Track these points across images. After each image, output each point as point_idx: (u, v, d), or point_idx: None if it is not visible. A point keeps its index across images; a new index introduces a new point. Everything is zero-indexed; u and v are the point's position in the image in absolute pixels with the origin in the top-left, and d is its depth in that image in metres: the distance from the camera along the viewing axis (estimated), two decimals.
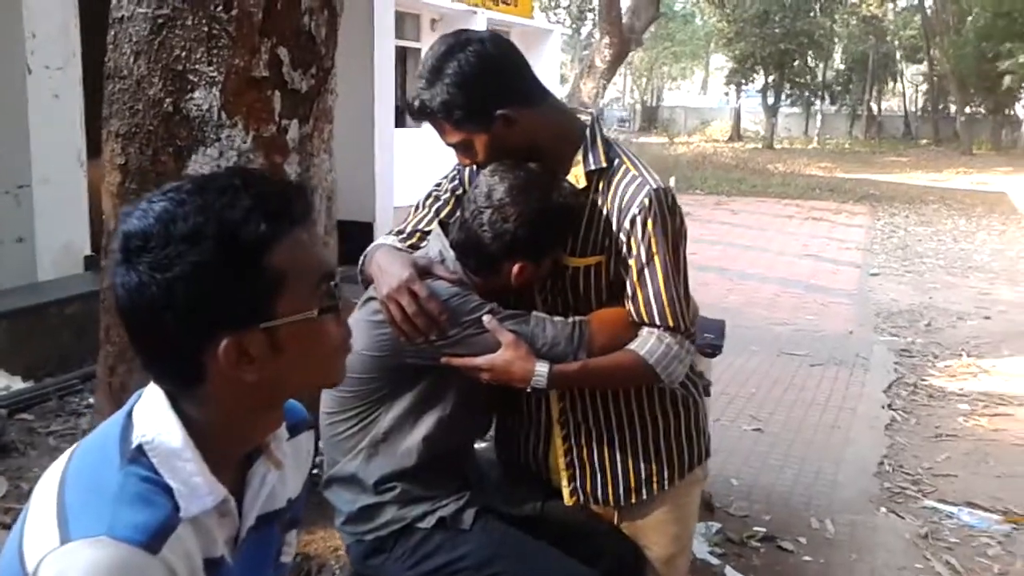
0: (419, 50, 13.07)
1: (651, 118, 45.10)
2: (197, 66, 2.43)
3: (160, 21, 2.41)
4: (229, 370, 1.01)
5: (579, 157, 1.81)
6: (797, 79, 35.88)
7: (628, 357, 1.78)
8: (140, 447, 1.02)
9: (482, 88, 1.71)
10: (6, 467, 3.46)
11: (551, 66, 17.93)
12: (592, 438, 1.93)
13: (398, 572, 1.85)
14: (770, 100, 34.87)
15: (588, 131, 1.83)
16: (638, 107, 47.71)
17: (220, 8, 2.40)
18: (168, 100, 2.45)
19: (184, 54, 2.42)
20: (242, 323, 1.01)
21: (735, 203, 16.15)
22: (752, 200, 16.67)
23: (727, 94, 41.42)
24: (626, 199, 1.77)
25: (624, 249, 1.78)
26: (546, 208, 1.74)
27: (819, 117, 38.97)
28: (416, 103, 1.74)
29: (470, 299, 1.76)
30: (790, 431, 4.86)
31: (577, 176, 1.81)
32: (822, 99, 39.11)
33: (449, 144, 1.81)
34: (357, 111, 7.65)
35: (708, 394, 3.23)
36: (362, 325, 1.82)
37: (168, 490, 1.00)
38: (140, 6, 2.41)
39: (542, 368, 1.74)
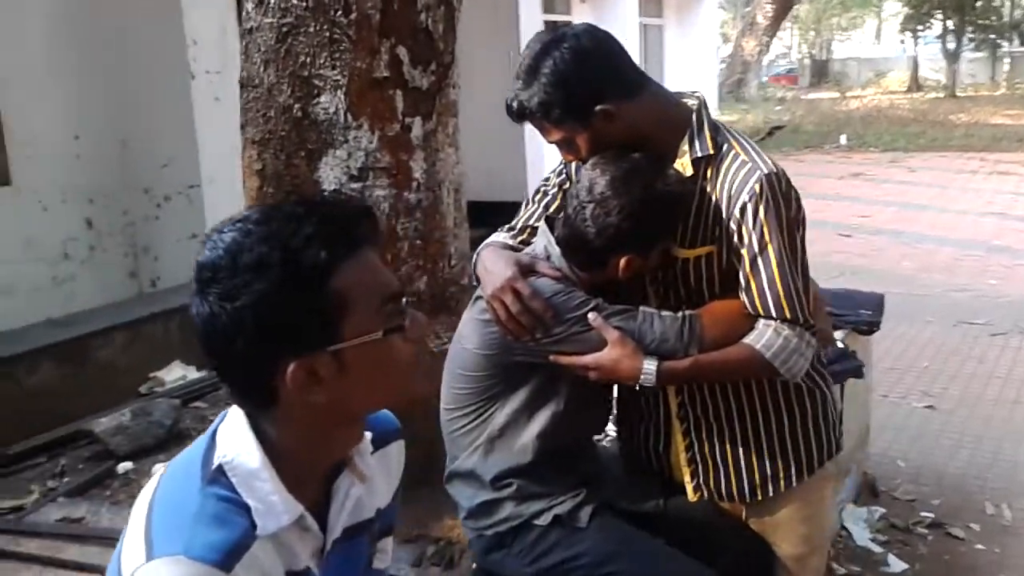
0: (570, 23, 12.97)
1: (821, 72, 42.94)
2: (322, 71, 2.50)
3: (285, 29, 2.50)
4: (298, 393, 1.03)
5: (685, 145, 1.75)
6: (980, 21, 33.21)
7: (743, 351, 1.71)
8: (220, 467, 1.06)
9: (579, 85, 1.67)
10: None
11: (709, 27, 17.41)
12: (713, 433, 1.87)
13: (517, 568, 1.86)
14: (951, 46, 32.51)
15: (694, 117, 1.76)
16: (807, 62, 45.57)
17: (340, 13, 2.45)
18: (297, 106, 2.54)
19: (309, 60, 2.49)
20: (309, 347, 1.03)
21: (912, 159, 15.19)
22: (931, 155, 15.62)
23: (903, 42, 38.90)
24: (735, 185, 1.69)
25: (735, 238, 1.71)
26: (649, 198, 1.69)
27: (1007, 60, 35.96)
28: (515, 104, 1.73)
29: (574, 296, 1.73)
30: (965, 407, 4.55)
31: (684, 165, 1.74)
32: (1010, 41, 36.01)
33: (551, 142, 1.78)
34: (505, 89, 7.67)
35: (860, 375, 3.07)
36: (473, 324, 1.83)
37: (247, 508, 1.04)
38: (267, 16, 2.50)
39: (650, 365, 1.69)
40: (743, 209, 1.68)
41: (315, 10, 2.46)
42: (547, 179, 1.99)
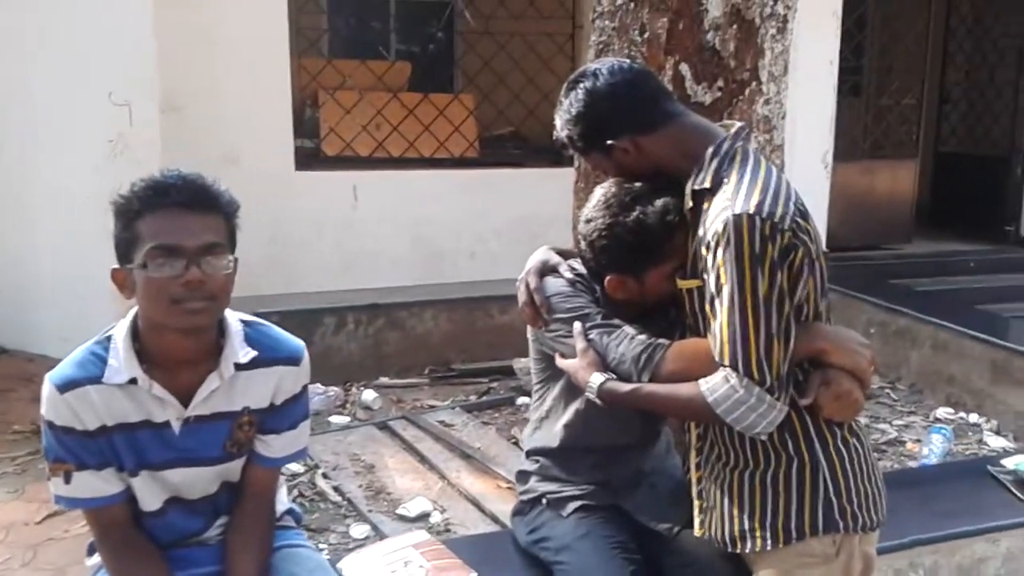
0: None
1: None
2: None
3: (600, 47, 2.85)
4: (122, 294, 1.61)
5: (692, 177, 1.74)
6: None
7: (687, 390, 1.68)
8: (110, 336, 1.67)
9: (591, 123, 1.79)
10: None
11: None
12: (714, 472, 1.82)
13: (522, 534, 2.09)
14: None
15: (711, 149, 1.72)
16: None
17: (636, 32, 2.72)
18: None
19: None
20: (122, 260, 1.59)
21: None
22: None
23: None
24: (709, 223, 1.66)
25: (706, 276, 1.67)
26: (617, 223, 1.76)
27: None
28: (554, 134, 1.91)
29: (571, 301, 1.87)
30: None
31: (687, 197, 1.74)
32: None
33: (592, 168, 1.92)
34: None
35: None
36: None
37: (104, 363, 1.63)
38: (592, 35, 2.89)
39: (594, 381, 1.76)
40: (707, 247, 1.66)
41: (619, 31, 2.75)
42: None
